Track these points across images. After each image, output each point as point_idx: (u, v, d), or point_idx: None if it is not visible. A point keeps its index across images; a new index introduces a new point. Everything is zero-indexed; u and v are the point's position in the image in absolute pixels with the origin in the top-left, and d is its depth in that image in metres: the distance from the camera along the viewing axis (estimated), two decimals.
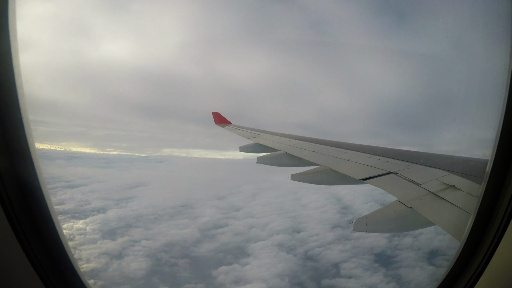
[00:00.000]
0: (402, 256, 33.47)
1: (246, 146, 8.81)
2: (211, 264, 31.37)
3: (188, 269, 30.53)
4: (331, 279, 30.21)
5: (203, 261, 32.08)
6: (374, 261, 32.85)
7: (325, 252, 34.26)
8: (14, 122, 1.60)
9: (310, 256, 33.62)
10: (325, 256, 33.52)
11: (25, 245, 1.66)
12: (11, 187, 1.61)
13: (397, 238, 35.99)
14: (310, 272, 31.28)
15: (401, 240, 35.83)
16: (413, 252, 33.94)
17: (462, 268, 1.95)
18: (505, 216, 1.67)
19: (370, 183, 4.45)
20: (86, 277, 1.99)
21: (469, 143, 4.06)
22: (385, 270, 31.61)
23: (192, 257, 32.47)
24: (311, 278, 30.49)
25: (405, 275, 30.93)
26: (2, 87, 1.56)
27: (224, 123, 13.44)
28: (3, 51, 1.53)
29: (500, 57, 1.73)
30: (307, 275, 30.84)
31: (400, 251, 34.27)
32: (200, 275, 29.71)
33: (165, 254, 32.33)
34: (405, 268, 31.82)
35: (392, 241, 35.83)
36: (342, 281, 30.03)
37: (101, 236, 33.56)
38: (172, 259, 31.81)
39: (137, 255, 31.37)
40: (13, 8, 1.53)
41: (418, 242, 35.30)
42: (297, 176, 5.69)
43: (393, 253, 34.23)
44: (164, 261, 31.49)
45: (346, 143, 7.39)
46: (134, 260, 30.61)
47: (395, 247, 35.06)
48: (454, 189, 3.49)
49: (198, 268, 30.90)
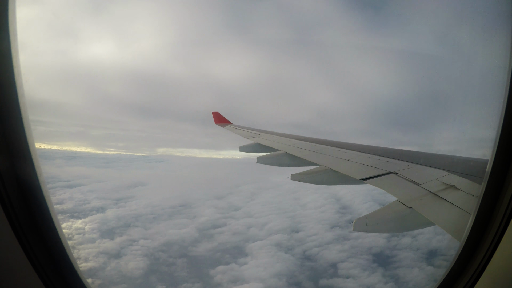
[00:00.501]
0: (401, 256, 33.35)
1: (246, 146, 8.80)
2: (209, 264, 31.42)
3: (185, 269, 30.60)
4: (329, 279, 30.17)
5: (201, 261, 32.14)
6: (373, 261, 32.75)
7: (323, 252, 34.21)
8: (14, 122, 1.61)
9: (308, 256, 33.58)
10: (323, 256, 33.47)
11: (25, 245, 1.66)
12: (11, 187, 1.61)
13: (396, 238, 35.87)
14: (308, 272, 31.24)
15: (400, 240, 35.72)
16: (411, 252, 33.84)
17: (462, 268, 1.95)
18: (505, 216, 1.67)
19: (370, 183, 4.46)
20: (85, 277, 2.00)
21: (469, 143, 4.05)
22: (383, 270, 31.53)
23: (190, 257, 32.54)
24: (308, 278, 30.45)
25: (404, 275, 30.82)
26: (2, 87, 1.56)
27: (224, 123, 13.43)
28: (3, 51, 1.53)
29: (500, 57, 1.74)
30: (305, 275, 30.80)
31: (399, 251, 34.16)
32: (197, 275, 29.77)
33: (163, 254, 32.43)
34: (403, 268, 31.71)
35: (390, 241, 35.73)
36: (340, 281, 29.97)
37: (100, 235, 33.71)
38: (170, 258, 31.90)
39: (135, 254, 31.48)
40: (13, 8, 1.53)
41: (417, 242, 35.19)
42: (297, 176, 5.70)
43: (391, 253, 34.13)
44: (162, 260, 31.59)
45: (346, 143, 7.39)
46: (132, 259, 30.73)
47: (394, 247, 34.96)
48: (454, 189, 3.49)
49: (196, 267, 30.96)
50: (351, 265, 31.89)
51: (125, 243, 33.04)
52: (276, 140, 8.80)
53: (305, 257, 33.43)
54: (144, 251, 32.10)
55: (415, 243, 34.99)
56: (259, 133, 10.17)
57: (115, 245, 32.47)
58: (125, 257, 30.93)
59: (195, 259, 32.39)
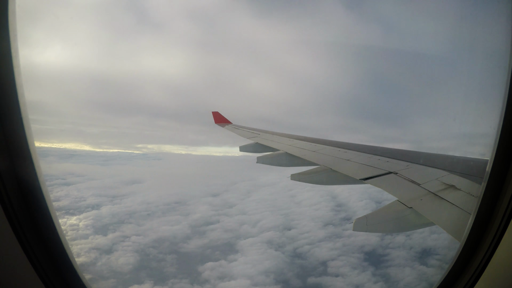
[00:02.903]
0: (393, 255, 32.71)
1: (246, 145, 8.80)
2: (198, 260, 31.70)
3: (175, 265, 31.01)
4: (317, 277, 29.93)
5: (191, 257, 32.46)
6: (364, 259, 32.26)
7: (314, 249, 33.94)
8: (14, 122, 1.61)
9: (299, 254, 33.39)
10: (313, 254, 33.21)
11: (25, 245, 1.66)
12: (11, 187, 1.61)
13: (390, 237, 35.17)
14: (296, 269, 31.07)
15: (394, 238, 35.03)
16: (404, 251, 33.14)
17: (462, 268, 1.94)
18: (505, 216, 1.67)
19: (370, 183, 4.45)
20: (85, 277, 2.00)
21: (469, 143, 4.00)
22: (373, 269, 31.02)
23: (180, 253, 32.94)
24: (297, 276, 30.29)
25: (394, 275, 30.23)
26: (2, 87, 1.56)
27: (224, 123, 13.45)
28: (3, 51, 1.53)
29: (500, 57, 1.73)
30: (293, 272, 30.64)
31: (392, 250, 33.52)
32: (186, 271, 30.09)
33: (153, 250, 32.96)
34: (394, 267, 31.09)
35: (384, 239, 35.09)
36: (328, 279, 29.68)
37: (93, 231, 34.54)
38: (160, 254, 32.39)
39: (126, 250, 32.10)
40: (13, 8, 1.53)
41: (410, 240, 34.43)
42: (297, 176, 5.70)
43: (384, 251, 33.52)
44: (152, 256, 32.10)
45: (346, 143, 7.35)
46: (123, 255, 31.36)
47: (387, 245, 34.31)
48: (454, 189, 3.48)
49: (185, 263, 31.30)
50: (341, 264, 31.51)
51: (117, 239, 33.74)
52: (276, 140, 8.80)
53: (295, 254, 33.27)
54: (135, 247, 32.71)
55: (409, 242, 34.27)
56: (259, 133, 10.17)
57: (108, 241, 33.21)
58: (116, 253, 31.60)
59: (185, 255, 32.75)
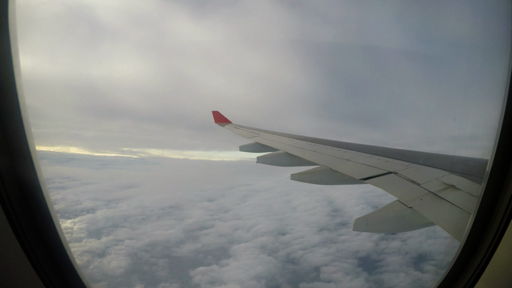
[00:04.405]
0: (388, 260, 32.14)
1: (246, 145, 8.80)
2: (190, 265, 31.61)
3: (166, 269, 30.94)
4: (309, 283, 29.53)
5: (183, 261, 32.37)
6: (358, 265, 31.75)
7: (308, 255, 33.53)
8: (14, 122, 1.61)
9: (292, 259, 33.02)
10: (306, 259, 32.81)
11: (25, 245, 1.66)
12: (11, 187, 1.62)
13: (385, 242, 34.63)
14: (288, 275, 30.70)
15: (389, 244, 34.45)
16: (399, 257, 32.52)
17: (462, 268, 1.94)
18: (505, 216, 1.67)
19: (370, 183, 4.45)
20: (85, 277, 2.00)
21: (469, 143, 3.99)
22: (367, 275, 30.50)
23: (172, 257, 32.86)
24: (288, 281, 29.94)
25: (388, 281, 29.68)
26: (2, 87, 1.57)
27: (224, 122, 13.49)
28: (3, 51, 1.53)
29: (500, 57, 1.73)
30: (285, 278, 30.30)
31: (386, 255, 32.94)
32: (177, 275, 30.01)
33: (146, 254, 32.95)
34: (389, 273, 30.52)
35: (379, 244, 34.54)
36: (320, 285, 29.27)
37: (87, 235, 34.77)
38: (152, 258, 32.36)
39: (119, 253, 32.18)
40: (13, 8, 1.54)
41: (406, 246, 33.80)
42: (297, 176, 5.70)
43: (378, 257, 32.95)
44: (144, 260, 32.09)
45: (346, 143, 7.34)
46: (115, 258, 31.44)
47: (382, 251, 33.75)
48: (454, 189, 3.48)
49: (177, 268, 31.21)
50: (334, 269, 31.07)
51: (110, 242, 33.87)
52: (276, 139, 8.81)
53: (288, 260, 32.90)
54: (128, 251, 32.76)
55: (404, 247, 33.64)
56: (259, 133, 10.17)
57: (101, 244, 33.36)
58: (109, 257, 31.70)
59: (177, 259, 32.68)
